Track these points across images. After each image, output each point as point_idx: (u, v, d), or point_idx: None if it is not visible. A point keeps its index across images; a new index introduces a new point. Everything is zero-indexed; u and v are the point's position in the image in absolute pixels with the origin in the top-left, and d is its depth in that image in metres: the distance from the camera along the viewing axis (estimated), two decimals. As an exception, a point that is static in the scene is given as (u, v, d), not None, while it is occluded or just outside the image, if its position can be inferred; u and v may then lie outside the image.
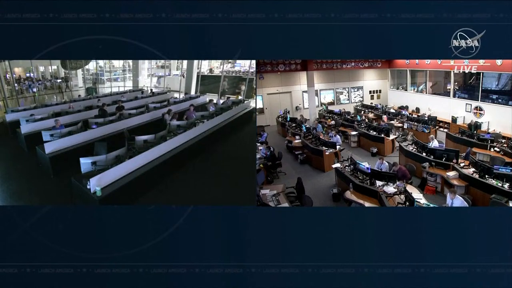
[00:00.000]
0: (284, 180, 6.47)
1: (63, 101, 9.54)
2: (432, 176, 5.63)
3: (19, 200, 4.53)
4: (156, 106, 8.50)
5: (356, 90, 12.47)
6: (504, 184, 4.60)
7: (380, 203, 4.50)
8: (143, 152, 4.99)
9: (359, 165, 5.28)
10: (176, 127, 6.26)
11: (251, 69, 11.78)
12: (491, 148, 6.56)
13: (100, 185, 4.08)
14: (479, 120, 8.34)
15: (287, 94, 11.95)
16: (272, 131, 10.77)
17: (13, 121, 7.14)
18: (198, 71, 12.63)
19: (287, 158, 7.88)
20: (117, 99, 9.20)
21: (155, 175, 4.99)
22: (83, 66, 12.53)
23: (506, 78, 7.73)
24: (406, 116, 9.66)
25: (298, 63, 10.52)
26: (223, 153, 6.79)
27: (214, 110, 8.03)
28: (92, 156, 4.56)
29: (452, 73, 9.08)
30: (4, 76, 10.41)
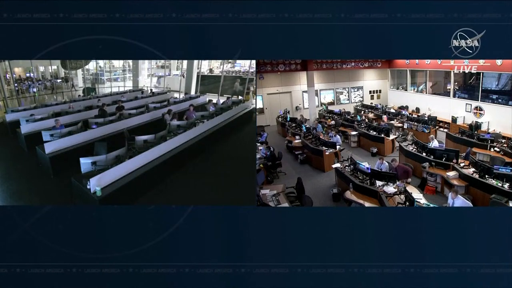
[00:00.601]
0: (284, 180, 6.47)
1: (63, 101, 9.54)
2: (432, 176, 5.63)
3: (19, 200, 4.53)
4: (156, 106, 8.50)
5: (356, 90, 12.47)
6: (504, 184, 4.61)
7: (380, 203, 4.50)
8: (143, 152, 4.99)
9: (359, 165, 5.28)
10: (176, 127, 6.26)
11: (251, 69, 11.78)
12: (491, 148, 6.57)
13: (100, 185, 4.08)
14: (479, 120, 8.34)
15: (287, 94, 11.95)
16: (272, 131, 10.77)
17: (13, 121, 7.14)
18: (198, 71, 12.63)
19: (287, 158, 7.88)
20: (117, 99, 9.20)
21: (155, 175, 4.99)
22: (83, 66, 12.52)
23: (506, 78, 7.73)
24: (406, 116, 9.66)
25: (298, 63, 10.52)
26: (223, 153, 6.78)
27: (214, 110, 8.04)
28: (92, 156, 4.56)
29: (452, 73, 9.08)
30: (4, 76, 10.40)
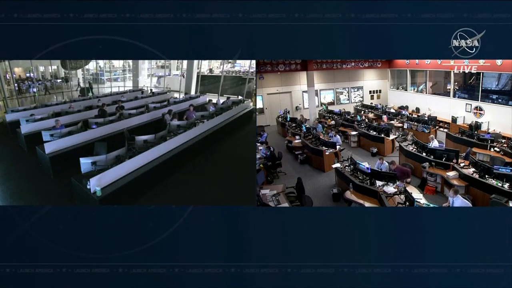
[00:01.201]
0: (284, 180, 6.47)
1: (63, 101, 9.54)
2: (432, 176, 5.63)
3: (19, 200, 4.53)
4: (156, 106, 8.50)
5: (356, 90, 12.47)
6: (504, 184, 4.60)
7: (380, 203, 4.50)
8: (143, 152, 4.99)
9: (359, 165, 5.28)
10: (176, 127, 6.26)
11: (251, 69, 11.78)
12: (491, 148, 6.57)
13: (100, 185, 4.08)
14: (479, 120, 8.34)
15: (287, 94, 11.95)
16: (272, 131, 10.77)
17: (13, 121, 7.14)
18: (198, 71, 12.63)
19: (287, 158, 7.88)
20: (117, 99, 9.20)
21: (155, 175, 4.99)
22: (83, 66, 12.53)
23: (506, 78, 7.73)
24: (406, 116, 9.66)
25: (298, 63, 10.53)
26: (223, 153, 6.79)
27: (214, 110, 8.04)
28: (92, 156, 4.56)
29: (452, 73, 9.08)
30: (4, 76, 10.40)
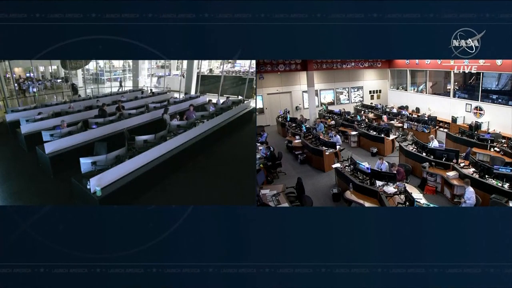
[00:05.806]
0: (284, 180, 6.47)
1: (63, 101, 9.54)
2: (432, 176, 5.63)
3: (19, 200, 4.53)
4: (156, 106, 8.50)
5: (356, 90, 12.46)
6: (504, 184, 4.61)
7: (380, 203, 4.50)
8: (143, 152, 4.99)
9: (359, 165, 5.28)
10: (176, 127, 6.26)
11: (251, 69, 11.78)
12: (491, 148, 6.57)
13: (100, 185, 4.08)
14: (479, 120, 8.34)
15: (287, 94, 11.94)
16: (272, 131, 10.76)
17: (13, 121, 7.14)
18: (198, 71, 12.62)
19: (287, 158, 7.88)
20: (117, 99, 9.20)
21: (155, 175, 4.99)
22: (83, 66, 12.52)
23: (506, 78, 7.73)
24: (406, 116, 9.66)
25: (298, 63, 10.52)
26: (223, 153, 6.78)
27: (214, 110, 8.04)
28: (92, 156, 4.56)
29: (452, 73, 9.07)
30: (4, 76, 10.40)
